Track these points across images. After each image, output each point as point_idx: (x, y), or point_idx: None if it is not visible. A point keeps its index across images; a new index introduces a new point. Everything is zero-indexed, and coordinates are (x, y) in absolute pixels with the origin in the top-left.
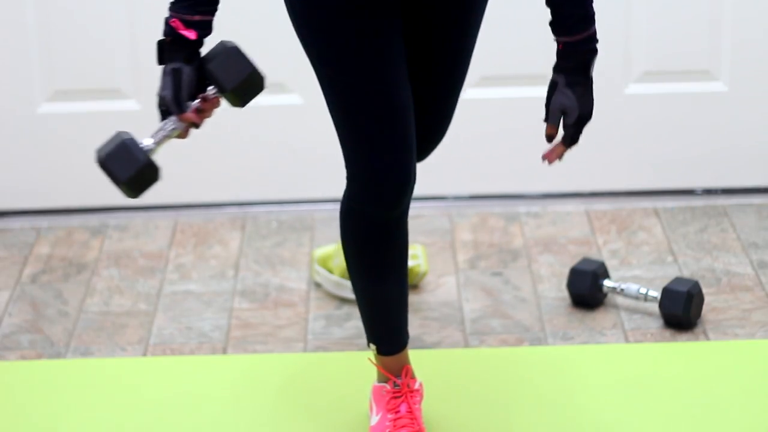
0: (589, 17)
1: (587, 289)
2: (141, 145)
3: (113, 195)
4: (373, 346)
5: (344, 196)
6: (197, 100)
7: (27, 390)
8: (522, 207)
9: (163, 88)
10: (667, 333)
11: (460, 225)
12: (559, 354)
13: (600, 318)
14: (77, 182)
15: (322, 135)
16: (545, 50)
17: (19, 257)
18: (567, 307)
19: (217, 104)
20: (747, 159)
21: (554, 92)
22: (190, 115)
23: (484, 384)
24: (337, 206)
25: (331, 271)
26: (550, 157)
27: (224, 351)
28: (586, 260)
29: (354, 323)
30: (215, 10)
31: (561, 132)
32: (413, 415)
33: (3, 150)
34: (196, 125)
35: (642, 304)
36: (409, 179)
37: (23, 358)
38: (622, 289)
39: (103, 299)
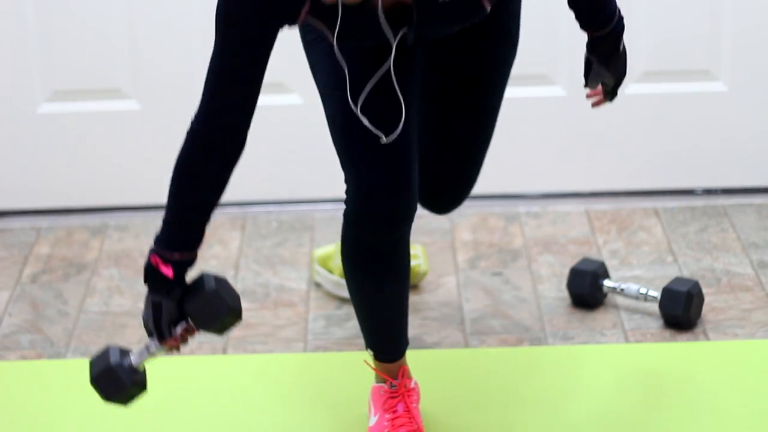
0: (612, 10)
1: (587, 289)
2: (125, 365)
3: (113, 195)
4: (370, 352)
5: (344, 212)
6: (179, 326)
7: (27, 390)
8: (522, 207)
9: (145, 314)
10: (667, 333)
11: (460, 225)
12: (559, 354)
13: (600, 318)
14: (77, 182)
15: (322, 135)
16: (545, 50)
17: (19, 257)
18: (567, 307)
19: (194, 333)
20: (747, 159)
21: (590, 69)
22: (170, 342)
23: (484, 384)
24: (337, 206)
25: (331, 271)
26: (595, 104)
27: (224, 351)
28: (586, 260)
29: (354, 323)
30: (196, 248)
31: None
32: (410, 414)
33: (3, 150)
34: (177, 349)
35: (642, 304)
36: (407, 210)
37: (23, 358)
38: (622, 289)
39: (103, 299)
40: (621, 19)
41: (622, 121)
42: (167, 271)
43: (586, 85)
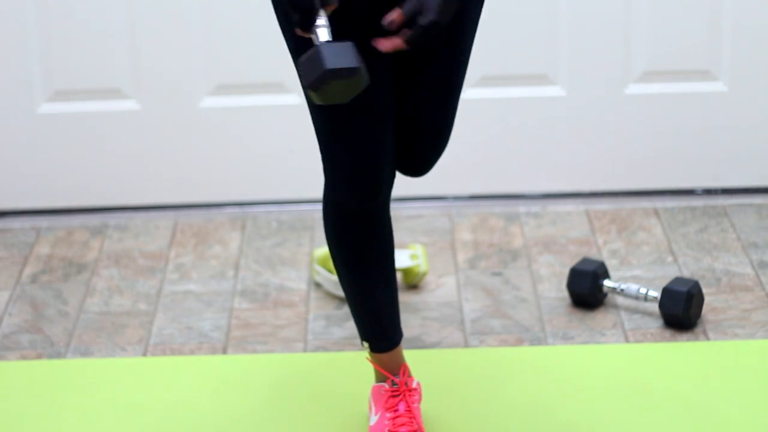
0: None
1: (587, 289)
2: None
3: (113, 195)
4: (365, 344)
5: (324, 189)
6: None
7: (27, 390)
8: (522, 207)
9: None
10: (667, 333)
11: (460, 225)
12: (559, 354)
13: (600, 318)
14: (77, 182)
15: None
16: (545, 50)
17: (19, 257)
18: (567, 307)
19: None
20: (747, 159)
21: None
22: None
23: (484, 384)
24: None
25: (331, 271)
26: (383, 44)
27: (224, 351)
28: (586, 260)
29: (354, 323)
30: None
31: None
32: (412, 414)
33: (3, 150)
34: None
35: (642, 304)
36: (382, 175)
37: (23, 358)
38: (622, 289)
39: (103, 299)
40: None
41: (622, 121)
42: None
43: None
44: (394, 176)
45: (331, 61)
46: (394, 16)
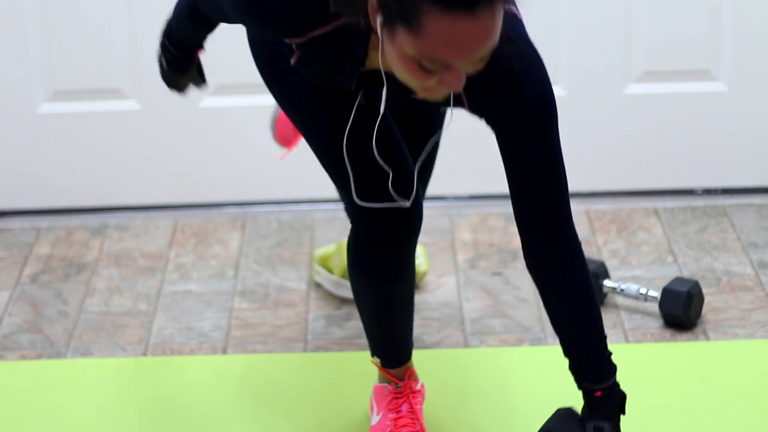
0: (610, 370)
1: None
2: None
3: (113, 195)
4: (376, 359)
5: (352, 229)
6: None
7: (27, 390)
8: None
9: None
10: (667, 333)
11: (460, 225)
12: (559, 354)
13: None
14: (77, 182)
15: None
16: (546, 50)
17: (19, 257)
18: None
19: None
20: (747, 159)
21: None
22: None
23: (484, 384)
24: (338, 206)
25: (331, 271)
26: None
27: (224, 351)
28: (586, 260)
29: (354, 323)
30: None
31: None
32: (414, 415)
33: (3, 150)
34: None
35: (642, 304)
36: (416, 227)
37: (23, 358)
38: (622, 289)
39: (103, 299)
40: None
41: (622, 121)
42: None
43: None
44: (421, 225)
45: None
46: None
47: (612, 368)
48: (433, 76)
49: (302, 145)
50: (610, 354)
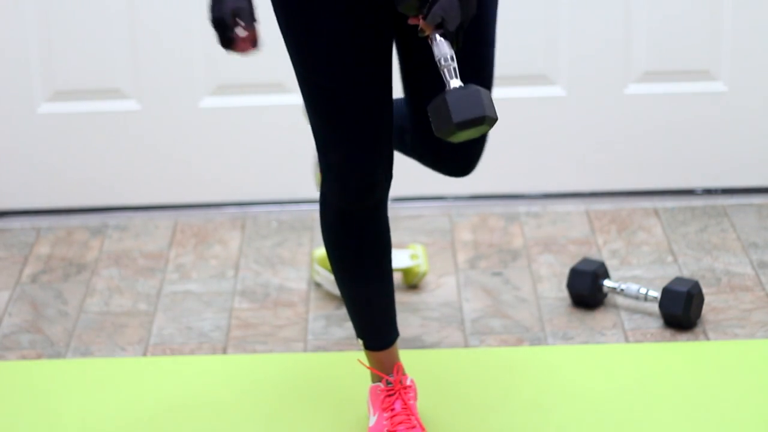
0: None
1: (587, 289)
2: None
3: (113, 195)
4: (360, 341)
5: (320, 187)
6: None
7: (27, 390)
8: (522, 207)
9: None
10: (667, 333)
11: (460, 225)
12: (559, 354)
13: (600, 318)
14: (77, 182)
15: None
16: (545, 50)
17: (19, 257)
18: (567, 307)
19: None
20: (747, 159)
21: None
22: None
23: (484, 384)
24: None
25: (331, 271)
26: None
27: (224, 351)
28: (586, 260)
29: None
30: None
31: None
32: (408, 411)
33: (3, 150)
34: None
35: (642, 304)
36: (374, 177)
37: (23, 358)
38: (622, 289)
39: (103, 299)
40: None
41: (622, 121)
42: None
43: (424, 17)
44: (389, 178)
45: (459, 114)
46: (421, 25)
47: None
48: None
49: (303, 145)
50: None
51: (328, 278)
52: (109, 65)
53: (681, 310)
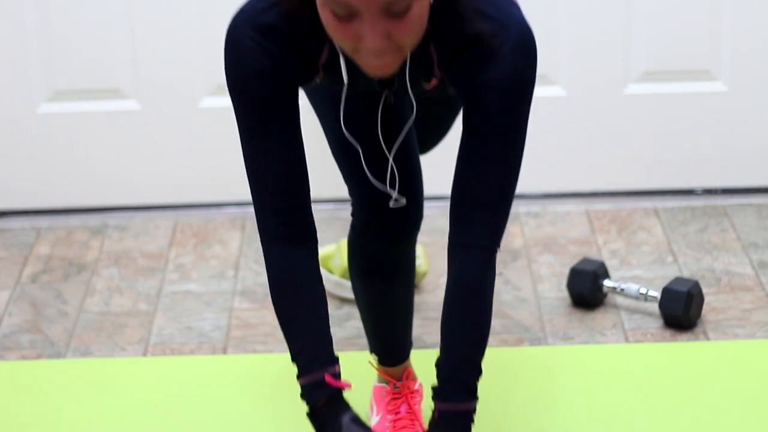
0: (471, 389)
1: (587, 289)
2: None
3: (113, 195)
4: (374, 356)
5: (352, 223)
6: None
7: (27, 390)
8: (522, 207)
9: None
10: (667, 333)
11: None
12: (559, 354)
13: (600, 318)
14: (77, 182)
15: (321, 136)
16: (545, 50)
17: (19, 257)
18: (567, 307)
19: None
20: (747, 159)
21: None
22: None
23: (484, 384)
24: (337, 206)
25: (331, 271)
26: None
27: (224, 351)
28: (586, 260)
29: (354, 323)
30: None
31: None
32: (414, 416)
33: (3, 150)
34: None
35: (642, 304)
36: (415, 221)
37: (23, 358)
38: (622, 289)
39: (103, 299)
40: (473, 416)
41: (622, 121)
42: (344, 383)
43: None
44: (421, 219)
45: None
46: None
47: (473, 396)
48: (350, 29)
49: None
50: (476, 381)
51: (328, 278)
52: (109, 65)
53: (681, 310)
